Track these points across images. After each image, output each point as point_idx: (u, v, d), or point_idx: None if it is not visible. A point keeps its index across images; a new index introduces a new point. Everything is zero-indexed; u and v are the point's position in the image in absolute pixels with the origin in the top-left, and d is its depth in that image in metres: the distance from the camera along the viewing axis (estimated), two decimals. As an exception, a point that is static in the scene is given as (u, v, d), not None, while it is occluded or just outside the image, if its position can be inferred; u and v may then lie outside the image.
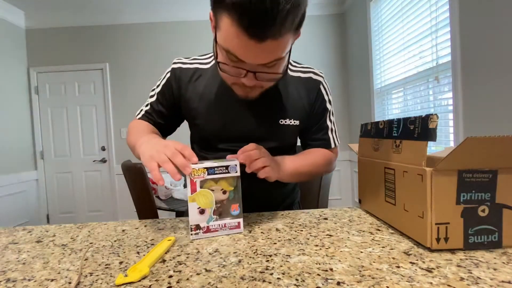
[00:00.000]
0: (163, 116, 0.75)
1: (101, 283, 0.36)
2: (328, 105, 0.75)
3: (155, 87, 0.76)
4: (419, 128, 0.44)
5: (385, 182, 0.53)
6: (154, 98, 0.75)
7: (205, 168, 0.50)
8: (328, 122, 0.76)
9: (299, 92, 0.72)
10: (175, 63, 0.74)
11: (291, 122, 0.70)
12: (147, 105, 0.76)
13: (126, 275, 0.37)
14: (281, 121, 0.69)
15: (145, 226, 0.60)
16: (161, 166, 0.48)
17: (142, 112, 0.76)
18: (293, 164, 0.66)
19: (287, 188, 0.81)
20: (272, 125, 0.69)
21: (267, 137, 0.70)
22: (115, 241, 0.52)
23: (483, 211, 0.40)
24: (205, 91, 0.70)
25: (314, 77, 0.74)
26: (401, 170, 0.48)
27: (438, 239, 0.41)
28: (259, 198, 0.74)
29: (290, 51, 0.55)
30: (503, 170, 0.40)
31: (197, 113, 0.71)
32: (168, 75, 0.73)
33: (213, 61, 0.72)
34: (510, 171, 0.40)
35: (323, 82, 0.75)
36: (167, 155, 0.49)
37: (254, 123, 0.69)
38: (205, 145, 0.75)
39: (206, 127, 0.71)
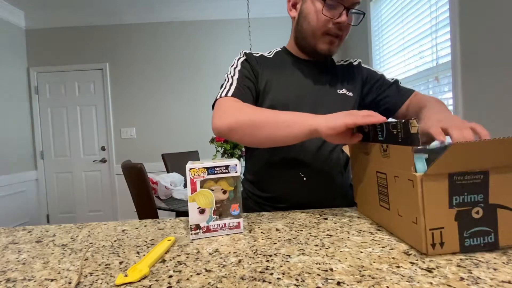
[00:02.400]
0: (251, 91, 0.76)
1: (101, 283, 0.36)
2: (378, 73, 0.84)
3: (228, 76, 0.76)
4: (402, 133, 0.43)
5: (378, 186, 0.52)
6: (236, 77, 0.74)
7: (205, 168, 0.50)
8: (391, 80, 0.83)
9: (348, 72, 0.84)
10: (241, 53, 0.82)
11: (346, 92, 0.80)
12: (231, 85, 0.72)
13: (126, 275, 0.37)
14: (339, 91, 0.80)
15: (145, 226, 0.61)
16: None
17: (232, 90, 0.71)
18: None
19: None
20: (332, 94, 0.79)
21: (327, 105, 0.77)
22: (115, 241, 0.52)
23: (477, 212, 0.40)
24: (274, 69, 0.80)
25: (354, 62, 0.87)
26: (392, 175, 0.47)
27: (433, 245, 0.40)
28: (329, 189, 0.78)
29: None
30: (495, 170, 0.39)
31: (271, 85, 0.77)
32: (242, 58, 0.80)
33: (275, 53, 0.84)
34: (501, 170, 0.39)
35: (361, 62, 0.87)
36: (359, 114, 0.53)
37: (318, 92, 0.79)
38: None
39: (278, 96, 0.77)
